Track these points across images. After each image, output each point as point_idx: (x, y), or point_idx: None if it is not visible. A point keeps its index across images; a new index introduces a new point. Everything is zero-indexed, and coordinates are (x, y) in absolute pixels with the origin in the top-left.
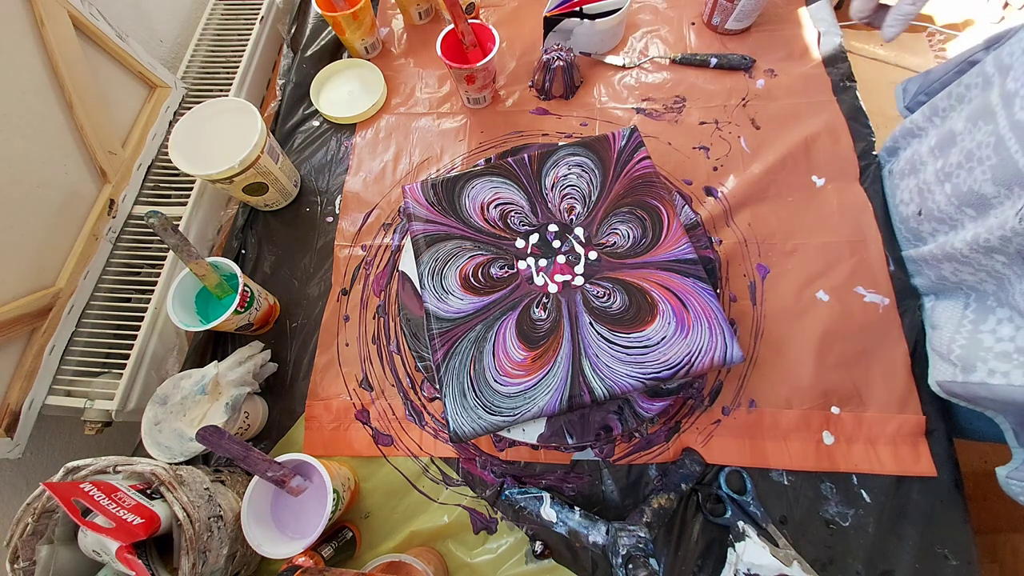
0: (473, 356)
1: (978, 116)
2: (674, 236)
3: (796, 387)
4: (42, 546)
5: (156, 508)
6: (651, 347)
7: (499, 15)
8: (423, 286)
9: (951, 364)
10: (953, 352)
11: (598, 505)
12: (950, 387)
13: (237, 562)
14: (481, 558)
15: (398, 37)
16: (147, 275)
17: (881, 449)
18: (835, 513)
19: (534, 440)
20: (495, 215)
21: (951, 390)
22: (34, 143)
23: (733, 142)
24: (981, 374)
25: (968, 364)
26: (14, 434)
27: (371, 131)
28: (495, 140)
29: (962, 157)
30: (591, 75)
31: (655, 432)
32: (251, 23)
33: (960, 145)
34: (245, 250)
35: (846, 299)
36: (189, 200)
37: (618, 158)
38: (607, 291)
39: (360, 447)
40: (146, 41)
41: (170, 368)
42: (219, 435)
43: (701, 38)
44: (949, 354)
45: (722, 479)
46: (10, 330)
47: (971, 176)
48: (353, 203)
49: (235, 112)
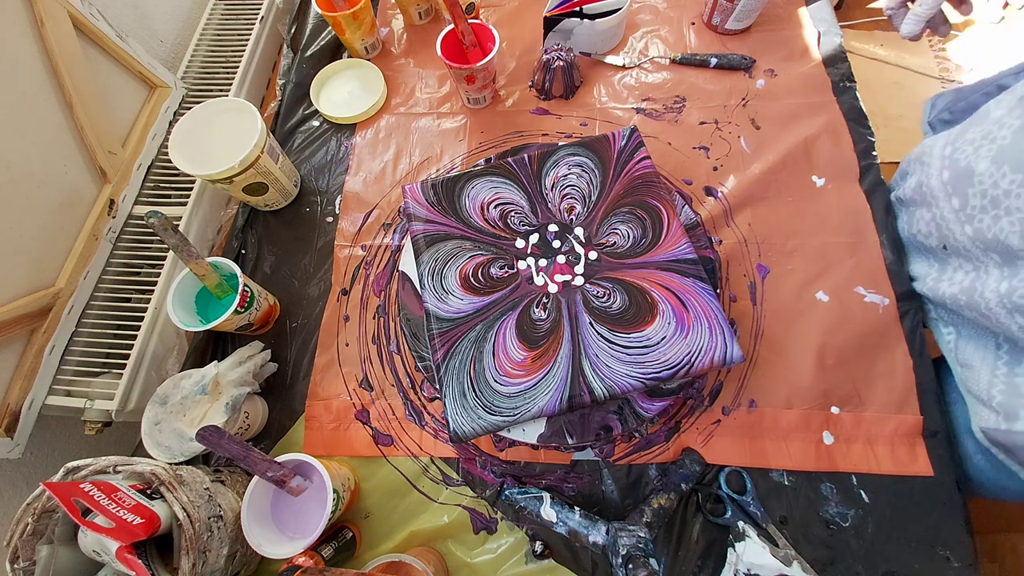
0: (473, 356)
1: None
2: (674, 236)
3: (796, 387)
4: (42, 546)
5: (156, 508)
6: (651, 347)
7: (499, 15)
8: (423, 286)
9: (993, 412)
10: (994, 399)
11: (598, 505)
12: (994, 435)
13: (237, 562)
14: (481, 558)
15: (398, 37)
16: (147, 275)
17: (879, 449)
18: (835, 513)
19: (534, 440)
20: (495, 215)
21: (995, 438)
22: (34, 143)
23: (733, 142)
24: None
25: (1011, 412)
26: (14, 434)
27: (371, 131)
28: (495, 140)
29: (986, 201)
30: (591, 75)
31: (655, 432)
32: (251, 23)
33: (980, 187)
34: (245, 250)
35: (846, 299)
36: (189, 200)
37: (618, 158)
38: (607, 291)
39: (360, 447)
40: (146, 41)
41: (170, 368)
42: (219, 435)
43: (701, 38)
44: (990, 400)
45: (722, 479)
46: (10, 330)
47: (996, 225)
48: (353, 203)
49: (235, 112)
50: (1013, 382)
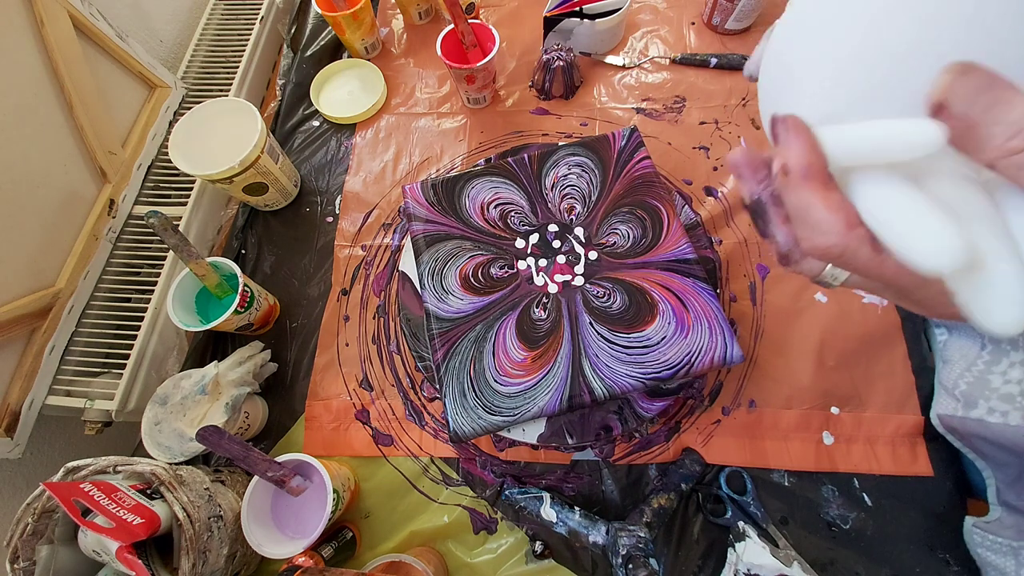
0: (473, 356)
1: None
2: (674, 236)
3: (796, 387)
4: (42, 546)
5: (156, 508)
6: (651, 347)
7: (499, 15)
8: (423, 286)
9: (954, 399)
10: (959, 387)
11: (598, 505)
12: (949, 421)
13: (237, 562)
14: (481, 558)
15: (398, 37)
16: (147, 275)
17: (880, 449)
18: (836, 515)
19: (534, 440)
20: (495, 215)
21: (950, 424)
22: (34, 143)
23: (733, 142)
24: (981, 411)
25: (970, 400)
26: (14, 434)
27: (371, 131)
28: (495, 140)
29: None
30: (591, 75)
31: (655, 432)
32: (251, 23)
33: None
34: (245, 250)
35: (845, 300)
36: (189, 200)
37: (618, 158)
38: (607, 291)
39: (360, 447)
40: (146, 41)
41: (170, 368)
42: (219, 435)
43: (701, 38)
44: (954, 389)
45: (723, 479)
46: (10, 330)
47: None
48: (353, 203)
49: (235, 112)
50: (985, 378)
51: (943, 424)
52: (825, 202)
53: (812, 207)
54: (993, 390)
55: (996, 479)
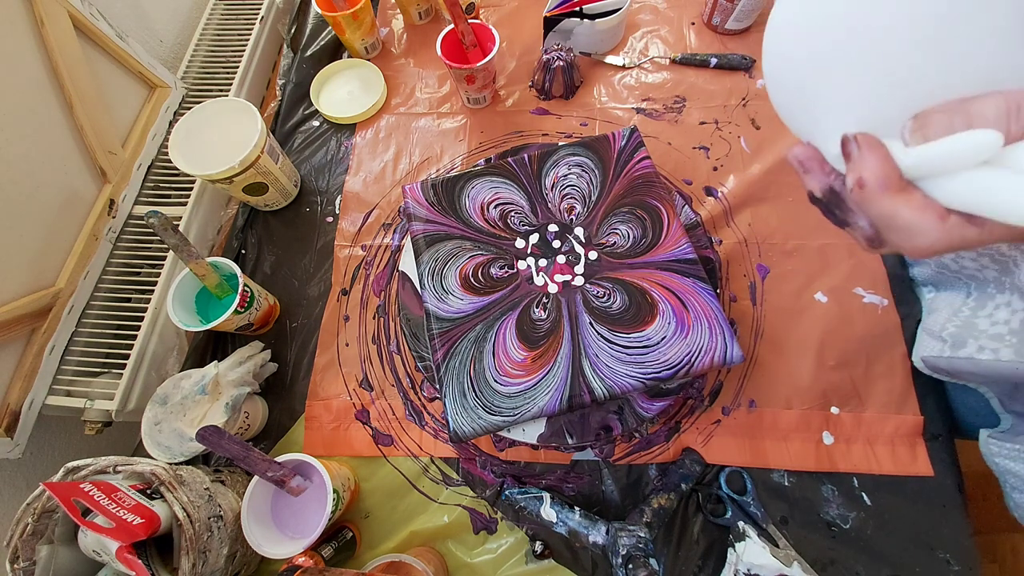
0: (473, 356)
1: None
2: (674, 236)
3: (796, 387)
4: (42, 546)
5: (156, 508)
6: (651, 347)
7: (499, 15)
8: (423, 286)
9: (940, 341)
10: (946, 330)
11: (598, 505)
12: (935, 363)
13: (237, 562)
14: (481, 558)
15: (398, 37)
16: (147, 275)
17: (879, 449)
18: (836, 515)
19: (534, 440)
20: (495, 215)
21: (935, 365)
22: (34, 143)
23: (733, 142)
24: (970, 350)
25: (959, 341)
26: (14, 434)
27: (371, 131)
28: (495, 140)
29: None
30: (591, 75)
31: (655, 432)
32: (251, 23)
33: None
34: (245, 250)
35: (845, 300)
36: (189, 200)
37: (618, 158)
38: (607, 291)
39: (360, 447)
40: (146, 41)
41: (170, 368)
42: (219, 435)
43: (701, 38)
44: (941, 332)
45: (722, 479)
46: (10, 330)
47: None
48: (353, 203)
49: (235, 112)
50: (972, 321)
51: (927, 365)
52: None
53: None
54: (981, 331)
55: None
